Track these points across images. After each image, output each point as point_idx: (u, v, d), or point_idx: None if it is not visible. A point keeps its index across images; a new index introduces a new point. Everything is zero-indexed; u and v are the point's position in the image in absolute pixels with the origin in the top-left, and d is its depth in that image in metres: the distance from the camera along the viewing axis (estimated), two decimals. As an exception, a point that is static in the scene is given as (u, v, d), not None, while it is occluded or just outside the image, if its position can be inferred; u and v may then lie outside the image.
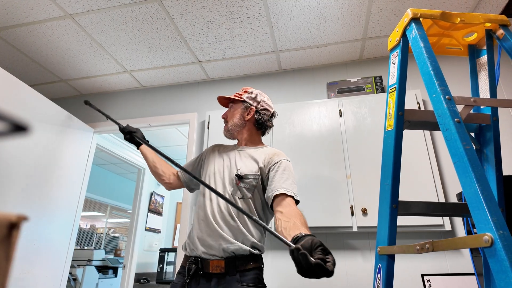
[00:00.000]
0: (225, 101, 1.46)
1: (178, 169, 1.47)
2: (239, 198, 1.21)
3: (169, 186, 1.49)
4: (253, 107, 1.37)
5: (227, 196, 1.22)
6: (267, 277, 1.23)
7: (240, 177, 1.23)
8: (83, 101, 1.81)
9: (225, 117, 1.42)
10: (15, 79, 2.05)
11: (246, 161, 1.29)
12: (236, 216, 1.18)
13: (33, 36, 2.27)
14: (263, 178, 1.24)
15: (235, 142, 1.48)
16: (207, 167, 1.37)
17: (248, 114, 1.37)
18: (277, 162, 1.23)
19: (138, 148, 1.51)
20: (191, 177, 1.38)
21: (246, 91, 1.41)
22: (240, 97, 1.39)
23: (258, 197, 1.23)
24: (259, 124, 1.37)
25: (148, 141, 1.48)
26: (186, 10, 2.02)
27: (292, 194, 1.13)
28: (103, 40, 2.31)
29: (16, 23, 2.14)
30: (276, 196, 1.13)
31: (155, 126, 2.82)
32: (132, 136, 1.48)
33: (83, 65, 2.62)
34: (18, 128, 0.17)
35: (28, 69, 2.67)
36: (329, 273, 0.69)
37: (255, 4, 1.98)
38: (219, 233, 1.15)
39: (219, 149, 1.44)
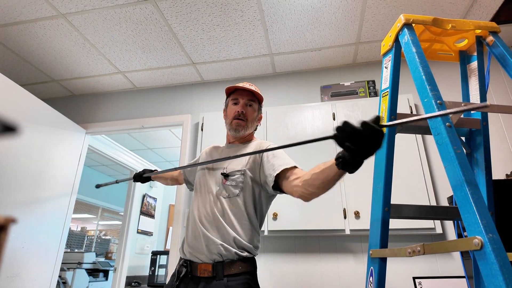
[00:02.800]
0: (245, 92, 1.34)
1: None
2: (224, 198, 1.19)
3: (177, 183, 1.70)
4: (261, 114, 1.41)
5: (212, 198, 1.21)
6: (260, 281, 1.22)
7: (226, 175, 1.21)
8: (95, 186, 2.00)
9: (244, 112, 1.29)
10: (6, 79, 2.01)
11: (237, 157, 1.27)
12: (222, 217, 1.16)
13: (25, 36, 2.24)
14: (253, 172, 1.21)
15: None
16: (198, 172, 1.39)
17: (259, 120, 1.40)
18: (266, 153, 1.21)
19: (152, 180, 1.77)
20: (190, 173, 1.51)
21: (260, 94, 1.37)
22: (261, 100, 1.39)
23: (248, 194, 1.19)
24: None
25: (155, 170, 1.70)
26: (181, 12, 2.02)
27: (295, 165, 1.11)
28: (96, 40, 2.29)
29: (7, 21, 2.11)
30: (278, 176, 1.09)
31: (148, 127, 2.80)
32: (143, 177, 1.71)
33: (75, 66, 2.59)
34: (8, 128, 0.17)
35: (19, 69, 2.63)
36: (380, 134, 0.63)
37: (250, 7, 1.98)
38: (205, 234, 1.14)
39: (211, 151, 1.44)
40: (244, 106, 1.31)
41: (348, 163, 0.76)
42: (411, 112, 2.13)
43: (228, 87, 1.37)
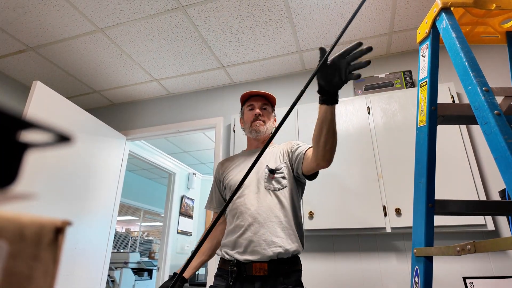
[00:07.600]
0: (258, 98, 1.44)
1: (212, 210, 1.46)
2: (276, 190, 1.23)
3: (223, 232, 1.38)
4: (275, 117, 1.48)
5: (262, 190, 1.23)
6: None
7: (272, 171, 1.26)
8: None
9: (260, 114, 1.38)
10: (54, 93, 2.19)
11: (269, 158, 1.33)
12: (279, 210, 1.19)
13: (69, 51, 2.41)
14: (290, 165, 1.30)
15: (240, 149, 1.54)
16: (229, 180, 1.33)
17: (274, 122, 1.46)
18: (294, 144, 1.32)
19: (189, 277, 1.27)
20: (224, 204, 1.38)
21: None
22: (273, 103, 1.49)
23: (293, 185, 1.27)
24: None
25: (183, 266, 1.05)
26: (209, 17, 2.06)
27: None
28: (131, 50, 2.40)
29: (53, 40, 2.29)
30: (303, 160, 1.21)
31: (183, 131, 2.89)
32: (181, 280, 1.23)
33: (114, 76, 2.74)
34: (63, 138, 0.18)
35: (65, 82, 2.84)
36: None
37: (277, 5, 1.98)
38: (264, 237, 1.14)
39: (230, 160, 1.45)
40: (260, 109, 1.40)
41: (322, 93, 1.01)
42: (453, 102, 2.00)
43: (243, 94, 1.45)
